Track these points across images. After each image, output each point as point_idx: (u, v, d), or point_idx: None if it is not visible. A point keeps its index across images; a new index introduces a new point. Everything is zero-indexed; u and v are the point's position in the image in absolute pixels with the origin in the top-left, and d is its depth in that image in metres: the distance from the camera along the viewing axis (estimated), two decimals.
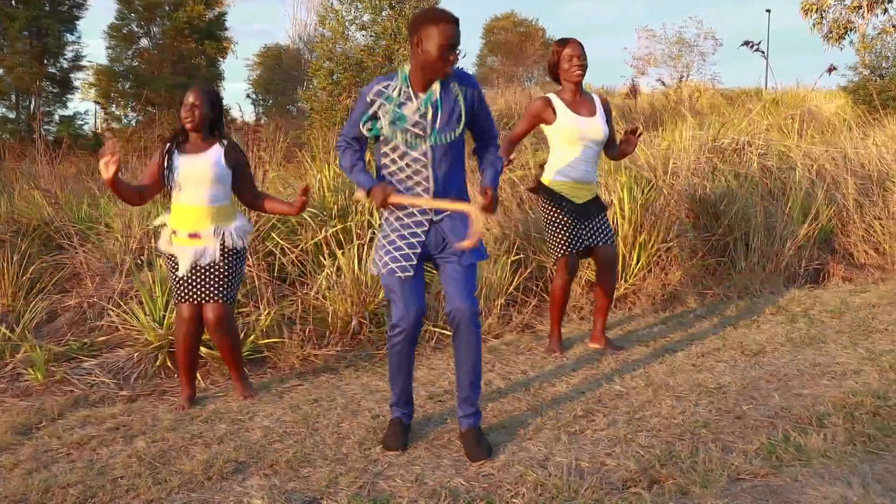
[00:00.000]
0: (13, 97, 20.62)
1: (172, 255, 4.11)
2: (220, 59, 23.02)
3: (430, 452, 3.43)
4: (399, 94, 3.33)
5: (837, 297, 5.62)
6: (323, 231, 5.80)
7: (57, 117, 21.19)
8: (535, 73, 36.15)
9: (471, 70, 12.41)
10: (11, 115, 20.65)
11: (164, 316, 5.06)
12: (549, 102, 4.61)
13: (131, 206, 6.66)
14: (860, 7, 21.92)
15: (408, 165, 3.35)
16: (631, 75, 25.10)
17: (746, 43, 9.16)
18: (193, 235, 4.04)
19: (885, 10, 21.57)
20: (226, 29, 22.75)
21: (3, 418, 4.05)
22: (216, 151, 4.07)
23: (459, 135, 3.36)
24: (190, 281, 4.07)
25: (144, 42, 22.11)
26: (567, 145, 4.58)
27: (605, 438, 3.47)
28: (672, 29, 26.98)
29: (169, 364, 4.79)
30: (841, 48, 22.79)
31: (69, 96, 21.72)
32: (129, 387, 4.59)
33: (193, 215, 4.04)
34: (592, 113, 4.59)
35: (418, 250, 3.40)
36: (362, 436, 3.63)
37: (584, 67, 4.54)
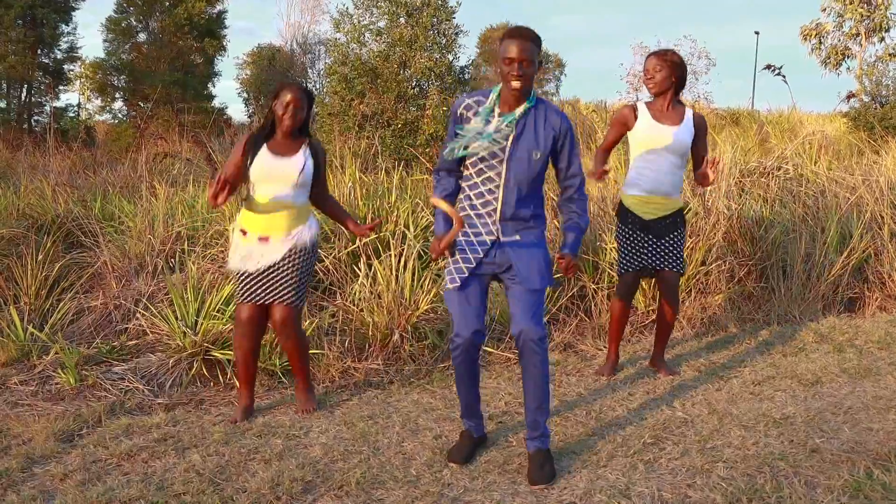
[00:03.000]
0: (4, 86, 20.26)
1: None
2: (218, 58, 22.78)
3: (505, 478, 3.31)
4: (488, 110, 3.30)
5: (879, 327, 5.57)
6: (358, 240, 5.67)
7: (49, 108, 20.82)
8: None
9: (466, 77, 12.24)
10: (2, 105, 20.28)
11: (196, 321, 4.91)
12: (634, 109, 4.56)
13: (155, 207, 6.55)
14: (858, 34, 22.21)
15: (482, 184, 3.33)
16: (625, 90, 25.19)
17: (769, 67, 9.16)
18: (263, 239, 3.90)
19: (882, 39, 21.89)
20: (226, 27, 22.54)
21: (41, 423, 3.90)
22: (303, 155, 3.93)
23: (539, 163, 3.31)
24: (256, 279, 3.91)
25: (142, 37, 21.80)
26: (641, 152, 4.49)
27: (682, 468, 3.37)
28: (666, 46, 27.06)
29: (205, 372, 4.64)
30: (838, 74, 23.14)
31: (62, 87, 21.39)
32: (165, 394, 4.44)
33: (273, 207, 3.88)
34: (676, 124, 4.50)
35: (472, 265, 3.35)
36: (429, 457, 3.51)
37: (655, 81, 4.46)
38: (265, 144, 3.91)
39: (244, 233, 3.93)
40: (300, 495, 3.16)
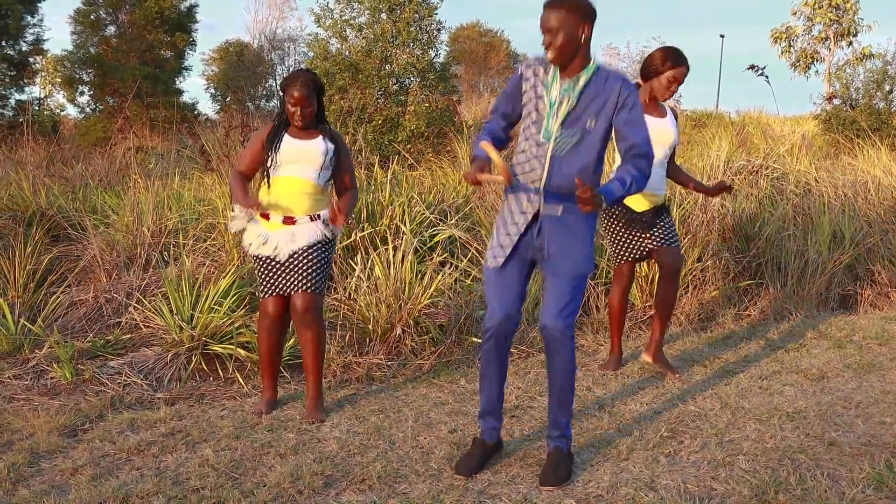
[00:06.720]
0: None
1: (258, 254, 3.87)
2: (189, 53, 22.46)
3: (528, 471, 3.27)
4: (551, 77, 3.15)
5: (874, 324, 5.62)
6: (353, 234, 5.61)
7: (13, 101, 20.32)
8: (498, 84, 36.20)
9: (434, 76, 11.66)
10: None
11: (192, 315, 4.81)
12: None
13: (143, 200, 6.41)
14: (827, 39, 22.54)
15: (528, 150, 3.17)
16: None
17: (752, 67, 9.23)
18: (288, 220, 3.81)
19: (850, 44, 22.24)
20: (196, 21, 22.20)
21: (42, 418, 3.78)
22: (323, 140, 3.86)
23: (594, 133, 3.13)
24: (279, 269, 3.82)
25: (111, 30, 21.38)
26: None
27: (704, 461, 3.36)
28: (636, 48, 27.25)
29: (204, 367, 4.55)
30: (807, 77, 23.48)
31: (26, 81, 20.89)
32: (165, 389, 4.34)
33: (296, 188, 3.80)
34: (663, 116, 4.46)
35: (515, 239, 3.18)
36: (447, 451, 3.46)
37: (673, 91, 4.39)
38: (286, 132, 3.84)
39: (266, 217, 3.84)
40: (322, 489, 3.10)
